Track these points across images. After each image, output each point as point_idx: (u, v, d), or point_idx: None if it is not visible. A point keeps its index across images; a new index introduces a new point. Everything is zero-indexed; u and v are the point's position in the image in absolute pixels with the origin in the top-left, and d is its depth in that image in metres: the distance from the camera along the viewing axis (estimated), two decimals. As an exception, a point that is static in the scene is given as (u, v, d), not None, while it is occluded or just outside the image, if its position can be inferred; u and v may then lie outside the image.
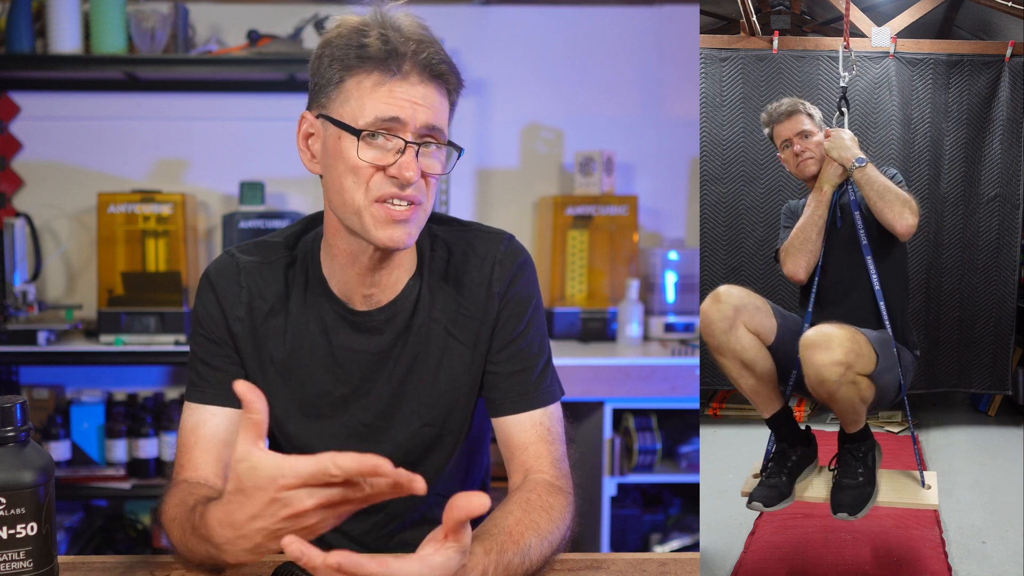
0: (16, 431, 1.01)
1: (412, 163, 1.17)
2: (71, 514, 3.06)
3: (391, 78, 1.18)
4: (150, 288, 2.91)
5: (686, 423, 3.10)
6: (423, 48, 1.19)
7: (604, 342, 3.14)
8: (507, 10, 3.29)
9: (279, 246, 1.36)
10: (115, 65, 2.98)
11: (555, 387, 1.37)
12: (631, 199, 3.22)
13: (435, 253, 1.35)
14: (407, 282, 1.32)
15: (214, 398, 1.31)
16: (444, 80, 1.21)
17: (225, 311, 1.32)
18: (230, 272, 1.34)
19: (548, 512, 1.19)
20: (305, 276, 1.33)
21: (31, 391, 3.10)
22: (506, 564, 1.08)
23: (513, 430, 1.32)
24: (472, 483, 1.48)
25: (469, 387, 1.35)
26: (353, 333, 1.32)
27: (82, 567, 1.17)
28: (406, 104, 1.17)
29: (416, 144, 1.18)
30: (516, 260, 1.35)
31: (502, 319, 1.33)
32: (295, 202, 3.22)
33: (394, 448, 1.34)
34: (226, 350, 1.33)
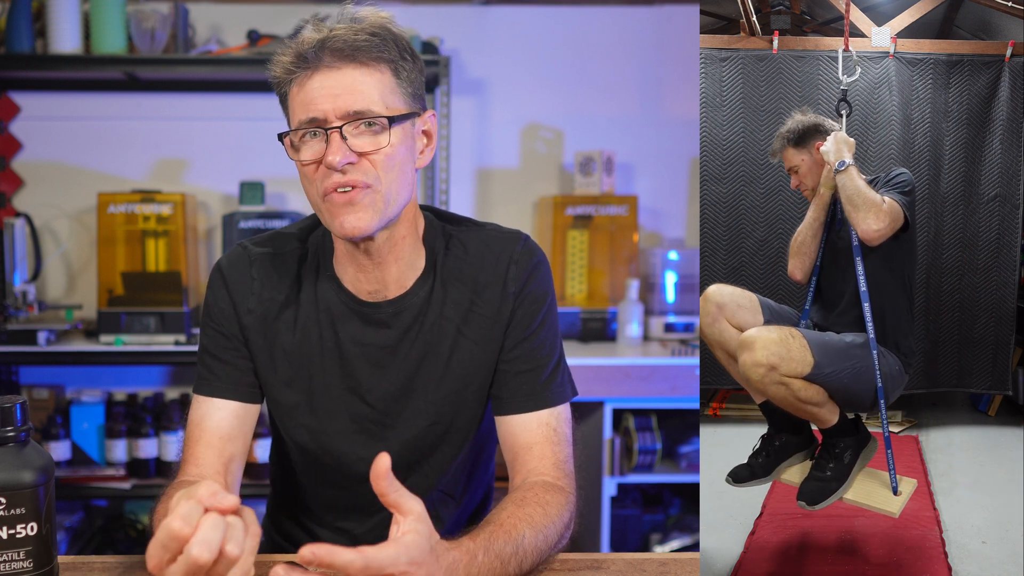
0: (16, 431, 1.01)
1: (335, 147, 1.18)
2: (71, 514, 3.06)
3: (307, 75, 1.20)
4: (150, 288, 2.91)
5: (686, 423, 3.10)
6: (338, 34, 1.19)
7: (604, 342, 3.14)
8: (507, 10, 3.29)
9: (292, 238, 1.37)
10: (115, 65, 2.98)
11: (566, 388, 1.36)
12: (631, 199, 3.22)
13: (449, 252, 1.34)
14: (417, 279, 1.32)
15: (221, 391, 1.31)
16: (365, 55, 1.19)
17: (236, 303, 1.32)
18: (243, 264, 1.34)
19: (543, 507, 1.18)
20: (316, 268, 1.34)
21: (31, 391, 3.10)
22: (497, 551, 1.07)
23: (518, 430, 1.31)
24: (478, 483, 1.48)
25: (479, 386, 1.34)
26: (361, 325, 1.32)
27: (82, 567, 1.17)
28: (319, 97, 1.19)
29: (336, 128, 1.19)
30: (532, 259, 1.35)
31: (516, 317, 1.33)
32: (295, 202, 3.22)
33: (400, 445, 1.34)
34: (235, 343, 1.32)
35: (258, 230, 2.89)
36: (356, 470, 1.33)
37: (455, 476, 1.40)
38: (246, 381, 1.32)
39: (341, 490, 1.39)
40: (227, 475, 1.27)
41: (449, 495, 1.42)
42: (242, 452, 1.31)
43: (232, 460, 1.29)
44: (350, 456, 1.35)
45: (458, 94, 3.23)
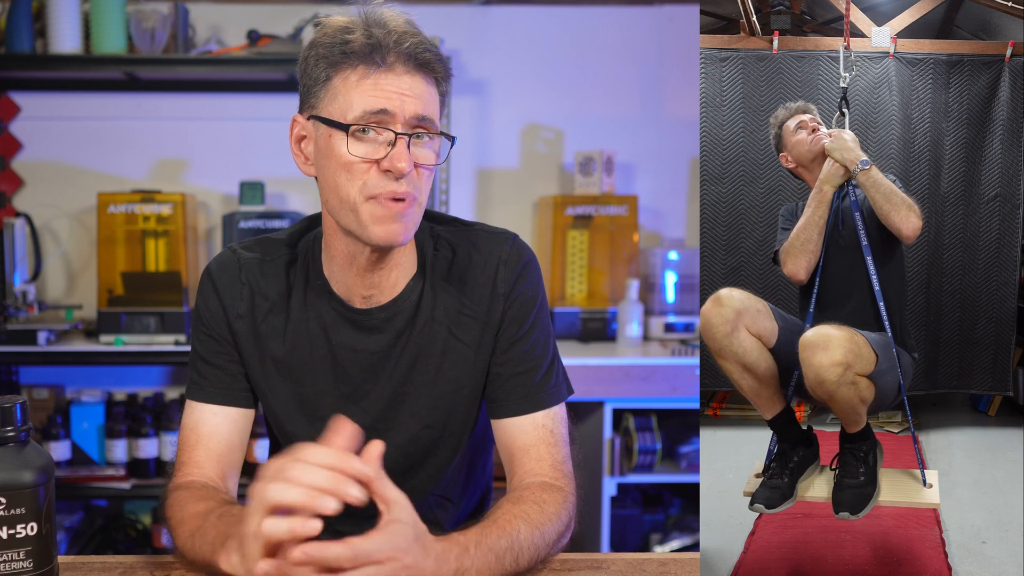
0: (16, 431, 1.01)
1: (404, 154, 1.16)
2: (71, 514, 3.06)
3: (376, 70, 1.16)
4: (150, 288, 2.91)
5: (686, 423, 3.10)
6: (406, 38, 1.17)
7: (604, 342, 3.14)
8: (507, 10, 3.29)
9: (281, 243, 1.35)
10: (115, 65, 2.99)
11: (561, 387, 1.34)
12: (631, 199, 3.22)
13: (438, 253, 1.33)
14: (408, 283, 1.31)
15: (213, 397, 1.30)
16: (430, 69, 1.19)
17: (226, 308, 1.31)
18: (232, 268, 1.33)
19: (540, 505, 1.18)
20: (306, 274, 1.32)
21: (31, 391, 3.10)
22: (491, 545, 1.08)
23: (514, 432, 1.30)
24: (475, 486, 1.47)
25: (471, 388, 1.33)
26: (353, 332, 1.31)
27: (82, 567, 1.17)
28: (393, 95, 1.16)
29: (407, 135, 1.17)
30: (521, 260, 1.33)
31: (507, 320, 1.31)
32: (295, 202, 3.22)
33: (393, 449, 1.32)
34: (226, 348, 1.32)
35: (258, 230, 2.89)
36: None
37: (451, 479, 1.39)
38: (239, 386, 1.32)
39: None
40: (227, 480, 1.28)
41: (446, 499, 1.41)
42: (240, 457, 1.32)
43: (230, 465, 1.29)
44: None
45: (458, 94, 3.22)
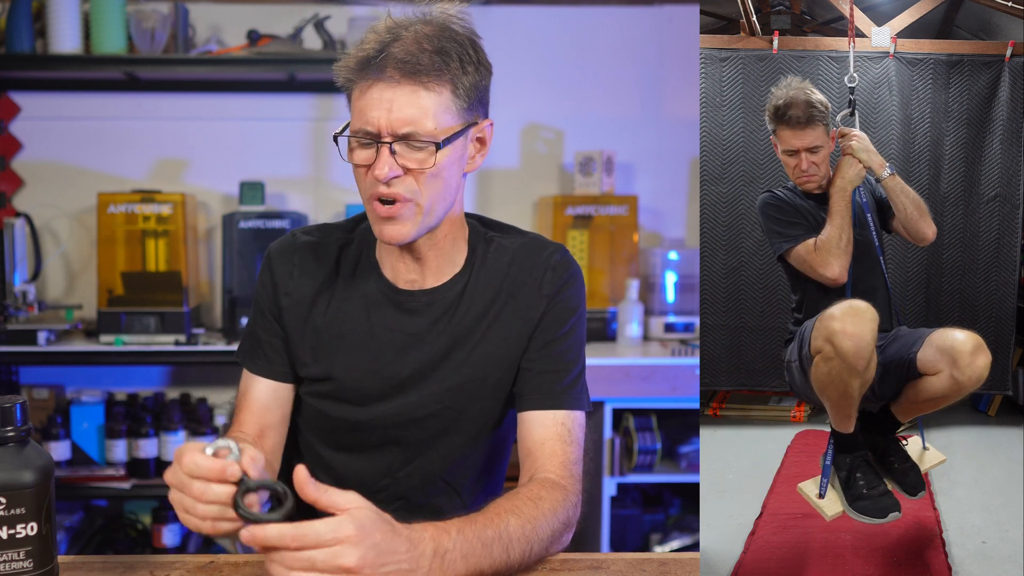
0: (16, 431, 1.01)
1: (383, 161, 1.22)
2: (71, 514, 3.06)
3: (369, 84, 1.23)
4: (150, 288, 2.91)
5: (686, 423, 3.10)
6: (402, 43, 1.21)
7: (604, 342, 3.14)
8: (507, 10, 3.29)
9: (340, 228, 1.44)
10: (115, 65, 2.99)
11: (583, 398, 1.40)
12: (631, 199, 3.22)
13: (489, 253, 1.40)
14: (455, 274, 1.38)
15: (259, 370, 1.41)
16: (424, 75, 1.21)
17: (277, 286, 1.40)
18: (288, 251, 1.42)
19: (535, 501, 1.19)
20: (358, 256, 1.40)
21: (31, 391, 3.10)
22: (476, 533, 1.08)
23: (534, 425, 1.34)
24: (485, 489, 1.49)
25: (497, 380, 1.38)
26: (394, 312, 1.37)
27: (82, 567, 1.17)
28: (376, 109, 1.22)
29: (388, 143, 1.22)
30: (568, 269, 1.41)
31: (545, 321, 1.38)
32: (295, 202, 3.22)
33: (410, 421, 1.38)
34: (273, 323, 1.41)
35: (258, 230, 2.90)
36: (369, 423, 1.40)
37: (462, 468, 1.42)
38: (279, 360, 1.41)
39: (357, 454, 1.43)
40: (263, 440, 1.36)
41: (453, 488, 1.44)
42: (280, 423, 1.42)
43: (269, 428, 1.38)
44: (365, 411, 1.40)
45: (458, 94, 3.22)
